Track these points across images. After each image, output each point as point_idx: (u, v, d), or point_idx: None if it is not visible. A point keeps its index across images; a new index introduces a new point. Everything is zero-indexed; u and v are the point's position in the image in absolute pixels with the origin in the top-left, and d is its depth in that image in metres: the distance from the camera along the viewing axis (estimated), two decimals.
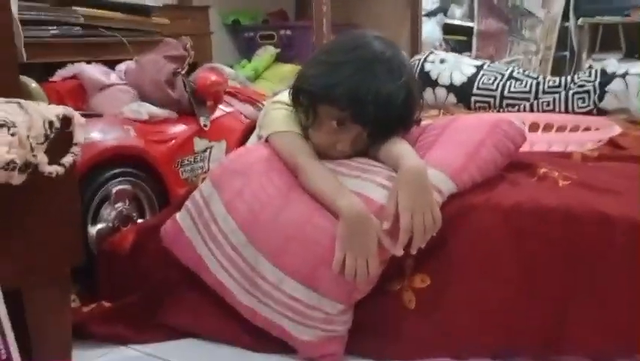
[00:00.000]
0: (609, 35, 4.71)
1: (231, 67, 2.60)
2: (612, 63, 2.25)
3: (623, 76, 2.08)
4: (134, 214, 1.54)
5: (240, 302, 1.17)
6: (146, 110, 1.73)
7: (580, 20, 4.78)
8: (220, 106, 2.01)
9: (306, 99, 1.23)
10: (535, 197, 1.12)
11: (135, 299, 1.27)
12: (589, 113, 2.10)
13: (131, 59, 1.93)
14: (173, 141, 1.78)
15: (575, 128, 1.81)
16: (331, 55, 1.22)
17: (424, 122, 1.33)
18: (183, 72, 1.92)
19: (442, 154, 1.20)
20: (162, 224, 1.30)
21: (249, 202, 1.18)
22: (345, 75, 1.15)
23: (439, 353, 1.10)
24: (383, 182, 1.13)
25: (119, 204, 1.49)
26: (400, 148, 1.17)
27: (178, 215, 1.27)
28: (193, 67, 2.10)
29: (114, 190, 1.48)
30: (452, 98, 2.31)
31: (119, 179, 1.50)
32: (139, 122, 1.68)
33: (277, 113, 1.30)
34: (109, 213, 1.47)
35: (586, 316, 1.00)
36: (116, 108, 1.70)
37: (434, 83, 2.37)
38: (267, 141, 1.29)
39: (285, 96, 1.31)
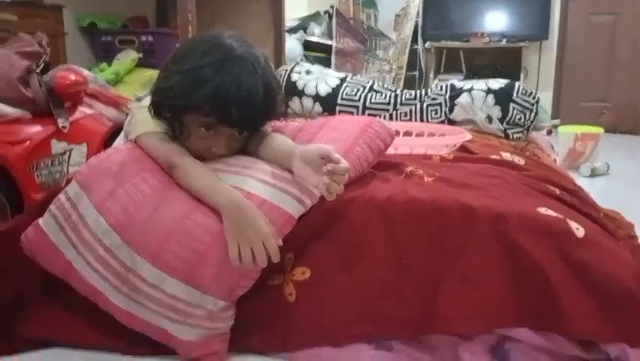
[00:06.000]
0: (452, 58, 5.18)
1: (89, 70, 2.46)
2: (458, 80, 2.49)
3: (469, 90, 2.30)
4: None
5: (115, 306, 1.11)
6: None
7: (427, 44, 5.20)
8: (80, 107, 1.90)
9: (168, 113, 1.19)
10: (406, 190, 1.20)
11: None
12: (441, 123, 2.28)
13: None
14: (28, 143, 1.65)
15: (431, 135, 1.96)
16: (183, 63, 1.15)
17: (298, 123, 1.37)
18: (38, 70, 1.79)
19: None
20: (18, 229, 1.20)
21: (122, 202, 1.13)
22: (202, 81, 1.11)
23: (319, 342, 1.12)
24: (264, 177, 1.14)
25: None
26: (284, 143, 1.20)
27: (41, 220, 1.18)
28: (46, 69, 1.96)
29: None
30: (318, 108, 2.39)
31: None
32: None
33: (143, 115, 1.24)
34: None
35: (453, 299, 1.08)
36: None
37: (301, 93, 2.43)
38: (135, 142, 1.24)
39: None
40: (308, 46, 4.68)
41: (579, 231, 1.08)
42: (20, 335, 1.15)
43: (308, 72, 2.51)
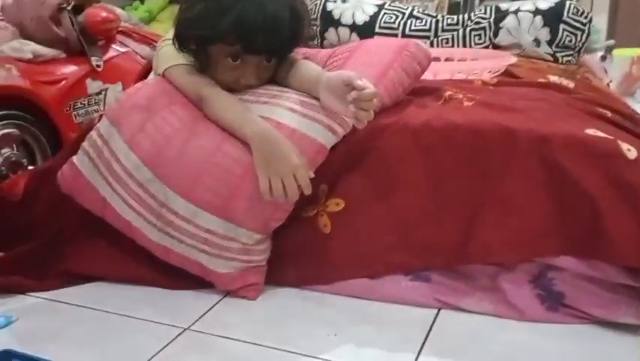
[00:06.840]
0: None
1: (122, 9, 2.43)
2: (505, 2, 2.34)
3: (516, 12, 2.15)
4: (24, 160, 1.42)
5: (151, 241, 1.12)
6: (30, 48, 1.59)
7: None
8: (114, 46, 1.89)
9: (193, 44, 1.14)
10: (443, 115, 1.14)
11: (32, 247, 1.18)
12: (485, 48, 2.16)
13: None
14: (63, 82, 1.65)
15: (473, 60, 1.86)
16: None
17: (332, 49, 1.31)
18: (69, 8, 1.77)
19: None
20: (56, 168, 1.21)
21: (152, 136, 1.12)
22: (225, 9, 1.06)
23: (355, 274, 1.11)
24: (293, 106, 1.10)
25: (6, 150, 1.37)
26: (311, 69, 1.15)
27: (75, 158, 1.18)
28: (80, 9, 1.94)
29: None
30: (355, 37, 2.28)
31: (3, 122, 1.37)
32: (22, 61, 1.54)
33: (169, 48, 1.20)
34: None
35: (493, 226, 1.04)
36: None
37: (337, 23, 2.33)
38: (163, 76, 1.21)
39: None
40: None
41: (631, 152, 1.00)
42: (63, 270, 1.18)
43: (344, 0, 2.41)
